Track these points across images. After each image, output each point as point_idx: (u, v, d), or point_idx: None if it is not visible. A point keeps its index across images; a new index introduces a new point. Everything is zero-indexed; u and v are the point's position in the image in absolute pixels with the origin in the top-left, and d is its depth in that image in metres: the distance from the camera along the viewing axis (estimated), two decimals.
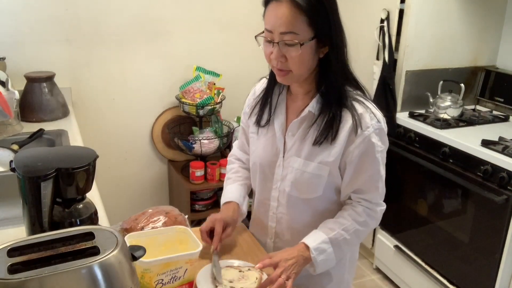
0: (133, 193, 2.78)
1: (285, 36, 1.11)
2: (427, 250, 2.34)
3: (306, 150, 1.24)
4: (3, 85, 1.90)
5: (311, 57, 1.15)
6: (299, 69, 1.16)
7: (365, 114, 1.18)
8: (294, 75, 1.18)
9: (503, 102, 2.51)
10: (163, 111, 2.71)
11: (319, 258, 1.20)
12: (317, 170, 1.22)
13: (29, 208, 1.00)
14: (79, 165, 1.01)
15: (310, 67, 1.18)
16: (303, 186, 1.25)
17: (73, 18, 2.38)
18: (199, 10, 2.62)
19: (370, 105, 1.21)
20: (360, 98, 1.22)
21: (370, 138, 1.18)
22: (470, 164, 2.03)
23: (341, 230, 1.22)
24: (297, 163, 1.25)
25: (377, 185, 1.24)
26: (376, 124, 1.19)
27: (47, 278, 0.71)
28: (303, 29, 1.11)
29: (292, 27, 1.10)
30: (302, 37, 1.11)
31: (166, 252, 1.12)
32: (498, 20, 2.57)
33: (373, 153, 1.20)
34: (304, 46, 1.12)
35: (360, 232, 1.25)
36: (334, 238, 1.21)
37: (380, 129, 1.20)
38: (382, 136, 1.21)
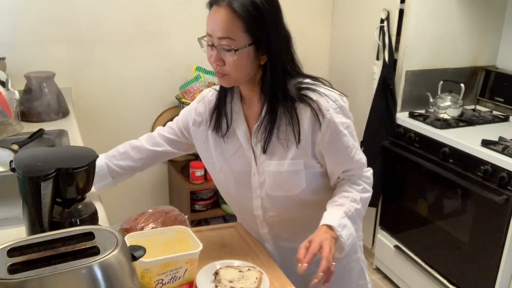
0: (133, 193, 2.78)
1: (222, 41, 1.13)
2: (427, 250, 2.34)
3: (276, 151, 1.23)
4: (3, 85, 1.90)
5: (248, 63, 1.16)
6: (236, 74, 1.17)
7: (320, 100, 1.19)
8: (231, 79, 1.19)
9: (503, 102, 2.51)
10: (163, 111, 2.71)
11: (344, 234, 1.19)
12: (292, 167, 1.23)
13: (29, 208, 1.00)
14: (79, 165, 1.01)
15: (248, 72, 1.18)
16: (284, 185, 1.25)
17: (73, 18, 2.38)
18: (199, 10, 2.60)
19: (322, 89, 1.21)
20: (310, 86, 1.22)
21: (333, 119, 1.19)
22: (470, 164, 2.03)
23: (350, 202, 1.23)
24: (272, 166, 1.24)
25: (357, 158, 1.26)
26: (334, 104, 1.19)
27: (47, 278, 0.71)
28: (239, 35, 1.12)
29: (228, 32, 1.12)
30: (238, 43, 1.12)
31: (166, 252, 1.12)
32: (498, 20, 2.57)
33: (341, 132, 1.21)
34: (240, 52, 1.13)
35: (365, 199, 1.28)
36: (348, 211, 1.22)
37: (340, 107, 1.21)
38: (344, 112, 1.22)
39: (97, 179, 1.38)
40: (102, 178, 1.42)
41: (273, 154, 1.24)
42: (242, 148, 1.28)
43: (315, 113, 1.18)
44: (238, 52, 1.13)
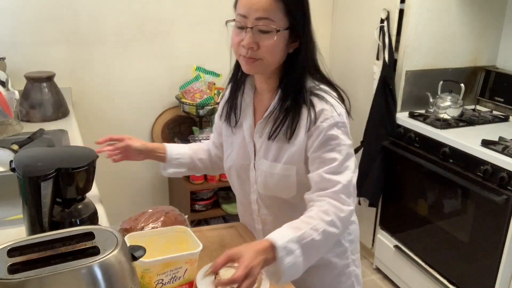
0: (133, 193, 2.78)
1: (260, 21, 1.09)
2: (427, 250, 2.34)
3: (273, 151, 1.21)
4: (3, 85, 1.90)
5: (282, 48, 1.13)
6: (270, 58, 1.13)
7: (323, 107, 1.14)
8: (263, 64, 1.14)
9: (503, 102, 2.51)
10: (163, 111, 2.71)
11: (286, 260, 1.02)
12: (284, 171, 1.20)
13: (29, 208, 1.00)
14: (79, 165, 1.01)
15: (279, 59, 1.15)
16: (275, 188, 1.23)
17: (73, 18, 2.38)
18: (199, 10, 2.62)
19: (331, 99, 1.17)
20: (321, 93, 1.17)
21: (328, 130, 1.13)
22: (470, 164, 2.03)
23: (309, 229, 1.05)
24: (265, 166, 1.23)
25: (340, 178, 1.12)
26: (337, 117, 1.14)
27: (47, 278, 0.71)
28: (279, 17, 1.09)
29: (269, 13, 1.08)
30: (277, 25, 1.09)
31: (166, 252, 1.12)
32: (498, 20, 2.57)
33: (334, 145, 1.14)
34: (279, 34, 1.09)
35: (329, 234, 1.08)
36: (302, 238, 1.04)
37: (341, 122, 1.15)
38: (342, 130, 1.15)
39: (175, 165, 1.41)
40: (180, 165, 1.42)
41: (269, 153, 1.22)
42: (244, 141, 1.28)
43: (311, 118, 1.14)
44: (276, 33, 1.09)
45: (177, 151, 1.42)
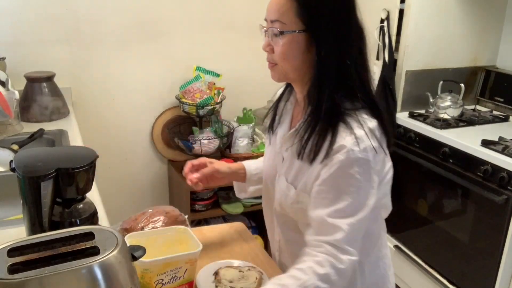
0: (133, 193, 2.78)
1: (273, 24, 1.03)
2: (427, 250, 2.34)
3: (293, 173, 1.11)
4: (3, 85, 1.90)
5: (297, 53, 1.03)
6: (282, 64, 1.05)
7: (345, 137, 0.99)
8: (280, 70, 1.07)
9: (503, 102, 2.51)
10: (163, 111, 2.71)
11: None
12: (297, 197, 1.10)
13: (29, 208, 1.00)
14: (79, 165, 1.01)
15: (296, 65, 1.05)
16: (287, 209, 1.15)
17: (73, 18, 2.38)
18: (199, 10, 2.62)
19: (359, 130, 0.99)
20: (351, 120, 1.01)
21: (343, 165, 0.98)
22: (470, 164, 2.03)
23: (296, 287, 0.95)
24: (283, 185, 1.13)
25: (344, 224, 0.98)
26: (358, 152, 0.97)
27: (47, 278, 0.71)
28: (290, 19, 1.01)
29: (279, 15, 1.02)
30: (287, 27, 1.02)
31: (166, 252, 1.12)
32: (498, 20, 2.57)
33: (345, 185, 0.99)
34: (287, 38, 1.01)
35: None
36: None
37: (362, 159, 0.98)
38: (363, 168, 0.98)
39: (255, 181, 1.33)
40: (259, 181, 1.33)
41: (290, 172, 1.12)
42: (275, 149, 1.20)
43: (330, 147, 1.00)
44: (284, 36, 1.01)
45: (255, 166, 1.34)
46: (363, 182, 1.00)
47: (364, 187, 1.00)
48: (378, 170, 1.03)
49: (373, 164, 1.00)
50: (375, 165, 1.01)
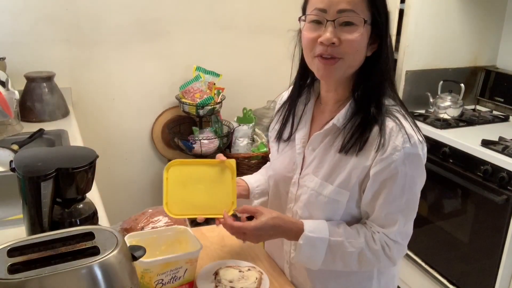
0: (133, 193, 2.78)
1: (343, 14, 0.98)
2: (427, 250, 2.34)
3: (326, 170, 1.08)
4: (3, 85, 1.90)
5: (364, 46, 1.02)
6: (352, 57, 1.01)
7: (397, 134, 1.01)
8: (343, 66, 1.02)
9: (503, 102, 2.51)
10: (163, 111, 2.71)
11: (305, 249, 1.05)
12: (334, 195, 1.07)
13: (29, 208, 1.00)
14: (79, 165, 1.01)
15: (361, 59, 1.03)
16: (317, 211, 1.10)
17: (73, 18, 2.38)
18: (199, 10, 2.62)
19: (406, 123, 1.03)
20: (396, 113, 1.04)
21: (397, 165, 1.00)
22: (470, 164, 2.03)
23: (346, 241, 1.06)
24: (313, 183, 1.10)
25: (396, 218, 1.06)
26: (408, 148, 1.01)
27: (47, 278, 0.71)
28: (362, 10, 0.99)
29: (353, 5, 0.98)
30: (361, 19, 0.99)
31: (166, 252, 1.12)
32: (498, 20, 2.57)
33: (399, 183, 1.03)
34: (364, 28, 0.99)
35: (365, 257, 1.07)
36: (334, 244, 1.06)
37: (414, 154, 1.02)
38: (414, 163, 1.04)
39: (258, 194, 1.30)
40: (262, 194, 1.31)
41: (321, 171, 1.09)
42: (294, 150, 1.16)
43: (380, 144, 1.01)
44: (365, 26, 0.98)
45: (254, 179, 1.31)
46: (416, 177, 1.06)
47: (417, 182, 1.07)
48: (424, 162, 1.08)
49: (422, 157, 1.06)
50: (424, 157, 1.07)
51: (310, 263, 1.09)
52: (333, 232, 1.07)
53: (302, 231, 1.06)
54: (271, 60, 2.77)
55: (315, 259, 1.07)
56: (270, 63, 2.77)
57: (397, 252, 1.08)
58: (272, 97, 2.73)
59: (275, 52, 2.73)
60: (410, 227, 1.10)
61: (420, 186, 1.09)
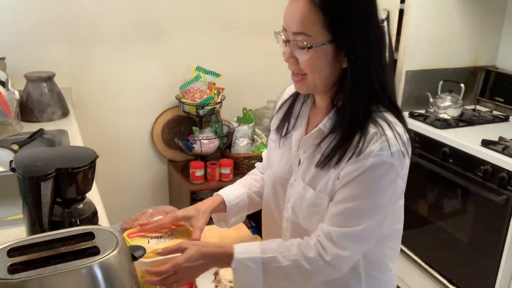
0: (133, 193, 2.78)
1: (297, 36, 0.98)
2: (427, 250, 2.34)
3: (311, 173, 1.08)
4: (3, 85, 1.90)
5: (325, 64, 1.00)
6: (312, 75, 1.02)
7: (376, 140, 0.98)
8: (309, 82, 1.03)
9: (503, 102, 2.51)
10: (163, 111, 2.71)
11: (240, 273, 1.04)
12: (314, 198, 1.07)
13: (29, 208, 1.00)
14: (79, 165, 1.01)
15: (326, 76, 1.02)
16: (302, 214, 1.11)
17: (73, 18, 2.38)
18: (199, 10, 2.62)
19: (390, 133, 0.98)
20: (381, 121, 1.01)
21: (367, 169, 0.97)
22: (470, 164, 2.03)
23: (280, 256, 1.03)
24: (300, 186, 1.10)
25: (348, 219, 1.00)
26: (385, 156, 0.96)
27: (47, 278, 0.71)
28: (316, 31, 0.96)
29: (303, 27, 0.97)
30: (313, 40, 0.97)
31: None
32: (498, 20, 2.57)
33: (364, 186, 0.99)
34: (314, 51, 0.97)
35: (304, 269, 1.02)
36: (267, 262, 1.03)
37: (388, 164, 0.97)
38: (386, 173, 0.98)
39: (235, 211, 1.27)
40: (240, 210, 1.28)
41: (307, 174, 1.09)
42: (290, 151, 1.16)
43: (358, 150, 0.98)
44: (313, 50, 0.97)
45: (234, 196, 1.27)
46: (385, 186, 0.99)
47: (385, 191, 1.00)
48: (404, 174, 1.02)
49: (398, 169, 0.99)
50: (401, 170, 1.00)
51: (251, 286, 1.05)
52: (266, 249, 1.05)
53: (232, 255, 1.04)
54: (271, 60, 2.77)
55: (254, 281, 1.04)
56: (270, 63, 2.77)
57: (335, 257, 1.01)
58: (272, 97, 2.74)
59: (275, 52, 2.71)
60: (362, 235, 1.01)
61: (387, 198, 1.01)
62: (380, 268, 1.17)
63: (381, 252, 1.14)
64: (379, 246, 1.12)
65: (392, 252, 1.18)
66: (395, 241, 1.18)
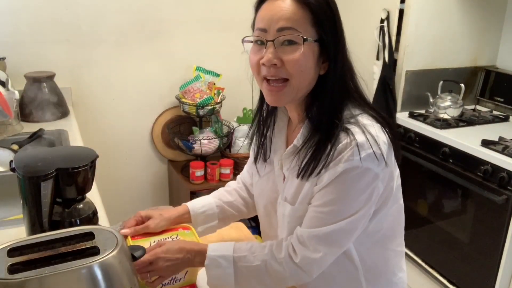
0: (133, 193, 2.78)
1: (283, 32, 0.94)
2: (427, 250, 2.34)
3: (293, 189, 1.07)
4: (3, 85, 1.90)
5: (312, 65, 0.97)
6: (298, 77, 0.97)
7: (345, 147, 0.96)
8: (292, 89, 0.98)
9: (503, 102, 2.51)
10: (163, 111, 2.71)
11: (211, 270, 1.05)
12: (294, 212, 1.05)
13: (29, 208, 1.00)
14: (79, 165, 1.01)
15: (310, 79, 0.99)
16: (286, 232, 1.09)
17: (73, 18, 2.38)
18: (199, 10, 2.62)
19: (361, 137, 0.96)
20: (353, 127, 0.98)
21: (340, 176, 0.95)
22: (470, 164, 2.03)
23: (251, 255, 1.05)
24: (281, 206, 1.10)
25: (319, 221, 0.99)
26: (356, 161, 0.94)
27: (47, 278, 0.71)
28: (305, 27, 0.95)
29: (293, 22, 0.94)
30: (304, 35, 0.95)
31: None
32: (498, 20, 2.57)
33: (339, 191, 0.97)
34: (306, 47, 0.94)
35: (273, 269, 1.03)
36: (238, 260, 1.05)
37: (361, 168, 0.95)
38: (359, 176, 0.95)
39: (202, 220, 1.26)
40: (208, 219, 1.27)
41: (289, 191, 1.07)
42: (273, 172, 1.14)
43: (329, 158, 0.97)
44: (306, 45, 0.93)
45: (201, 204, 1.28)
46: (359, 190, 0.97)
47: (359, 195, 0.97)
48: (383, 177, 1.00)
49: (377, 170, 0.97)
50: (381, 172, 0.98)
51: (223, 285, 1.06)
52: (238, 249, 1.07)
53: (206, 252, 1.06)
54: None
55: (225, 279, 1.05)
56: None
57: (304, 259, 1.00)
58: None
59: None
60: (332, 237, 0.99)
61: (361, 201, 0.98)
62: (384, 274, 1.14)
63: (380, 257, 1.12)
64: (377, 251, 1.11)
65: (395, 256, 1.15)
66: (397, 243, 1.16)
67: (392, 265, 1.16)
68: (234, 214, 1.31)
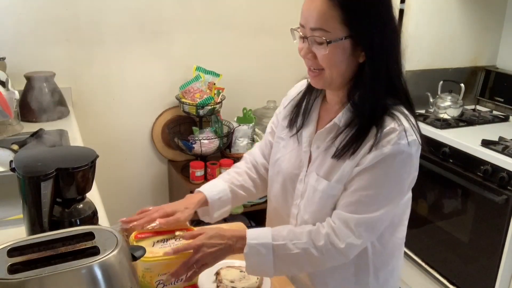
0: (133, 193, 2.78)
1: (315, 32, 1.00)
2: (427, 250, 2.34)
3: (326, 166, 1.10)
4: (3, 85, 1.90)
5: (343, 59, 1.02)
6: (329, 70, 1.03)
7: (393, 131, 1.01)
8: (326, 77, 1.05)
9: (503, 102, 2.51)
10: (163, 111, 2.71)
11: (251, 258, 1.07)
12: (329, 190, 1.08)
13: (29, 208, 1.00)
14: (79, 165, 1.01)
15: (343, 71, 1.04)
16: (311, 208, 1.12)
17: (73, 18, 2.38)
18: (199, 10, 2.62)
19: (406, 123, 1.02)
20: (397, 113, 1.04)
21: (386, 157, 1.00)
22: (470, 164, 2.03)
23: (290, 243, 1.06)
24: (313, 180, 1.12)
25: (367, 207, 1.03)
26: (403, 145, 1.00)
27: (47, 278, 0.71)
28: (334, 26, 0.98)
29: (322, 23, 0.98)
30: (332, 35, 0.99)
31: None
32: (498, 20, 2.57)
33: (384, 174, 1.02)
34: (333, 46, 0.99)
35: (313, 256, 1.06)
36: (277, 249, 1.06)
37: (406, 153, 1.00)
38: (405, 161, 1.01)
39: (218, 206, 1.27)
40: (223, 204, 1.29)
41: (322, 168, 1.10)
42: (300, 148, 1.17)
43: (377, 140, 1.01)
44: (331, 45, 0.99)
45: (216, 190, 1.28)
46: (401, 176, 1.03)
47: (400, 181, 1.04)
48: (417, 165, 1.06)
49: (415, 158, 1.04)
50: (417, 160, 1.05)
51: (261, 272, 1.09)
52: (277, 236, 1.08)
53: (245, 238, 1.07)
54: (271, 60, 2.77)
55: (264, 266, 1.07)
56: (270, 63, 2.77)
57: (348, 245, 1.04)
58: (272, 97, 2.74)
59: (275, 52, 2.73)
60: (378, 222, 1.05)
61: (406, 185, 1.06)
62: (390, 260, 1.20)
63: (389, 243, 1.17)
64: (386, 237, 1.15)
65: (399, 244, 1.21)
66: (402, 232, 1.21)
67: (397, 253, 1.22)
68: (244, 196, 1.34)
